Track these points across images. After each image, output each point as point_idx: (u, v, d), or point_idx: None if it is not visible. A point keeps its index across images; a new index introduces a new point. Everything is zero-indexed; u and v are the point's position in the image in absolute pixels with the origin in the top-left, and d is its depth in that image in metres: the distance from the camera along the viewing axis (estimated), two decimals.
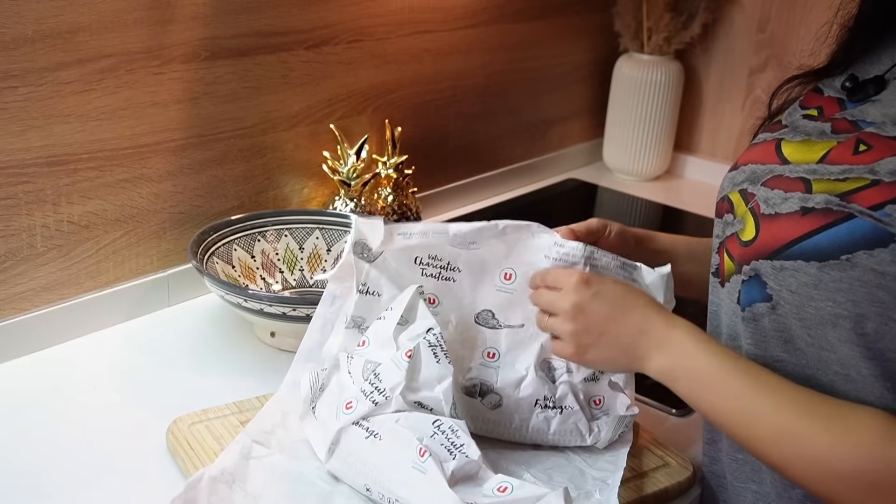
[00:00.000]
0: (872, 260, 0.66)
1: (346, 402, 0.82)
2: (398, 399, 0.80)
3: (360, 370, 0.84)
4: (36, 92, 1.00)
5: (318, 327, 0.91)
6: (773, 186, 0.76)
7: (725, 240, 0.81)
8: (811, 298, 0.70)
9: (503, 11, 1.56)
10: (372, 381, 0.82)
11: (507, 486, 0.74)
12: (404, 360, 0.81)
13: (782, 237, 0.72)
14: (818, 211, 0.70)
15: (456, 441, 0.77)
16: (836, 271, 0.68)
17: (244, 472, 0.80)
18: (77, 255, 1.10)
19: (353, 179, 1.31)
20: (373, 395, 0.81)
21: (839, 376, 0.71)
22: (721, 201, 0.84)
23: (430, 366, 0.81)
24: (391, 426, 0.79)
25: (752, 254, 0.75)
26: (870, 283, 0.67)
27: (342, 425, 0.81)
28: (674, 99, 1.77)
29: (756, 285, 0.74)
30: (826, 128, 0.77)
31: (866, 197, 0.68)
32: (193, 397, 0.97)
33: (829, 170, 0.72)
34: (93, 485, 0.86)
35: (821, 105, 0.81)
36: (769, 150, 0.80)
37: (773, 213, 0.74)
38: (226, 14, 1.15)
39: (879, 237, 0.66)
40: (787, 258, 0.71)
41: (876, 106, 0.75)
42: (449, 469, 0.74)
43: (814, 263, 0.69)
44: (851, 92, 0.78)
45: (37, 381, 1.02)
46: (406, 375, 0.80)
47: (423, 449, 0.75)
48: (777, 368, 0.75)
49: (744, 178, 0.81)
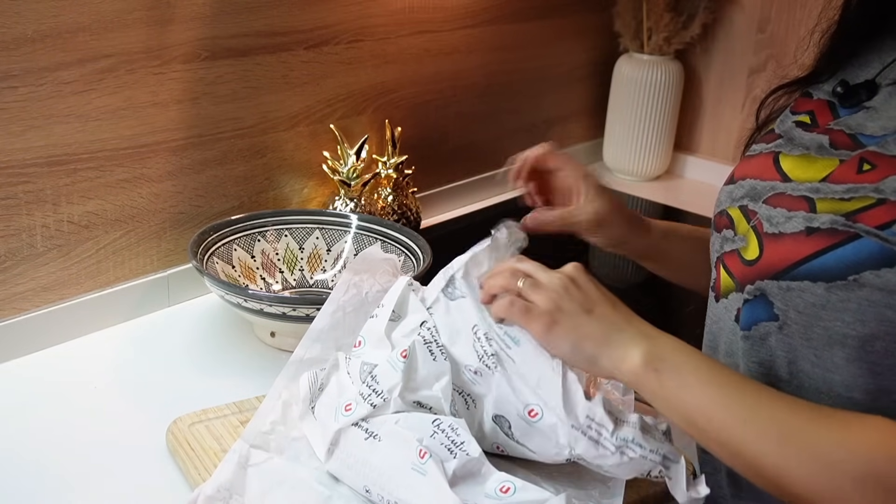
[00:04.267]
0: (879, 280, 0.65)
1: (345, 403, 0.82)
2: (397, 401, 0.80)
3: (358, 371, 0.84)
4: (36, 92, 1.00)
5: (329, 311, 0.91)
6: (776, 205, 0.74)
7: (723, 255, 0.79)
8: (819, 318, 0.69)
9: (503, 11, 1.56)
10: (369, 384, 0.81)
11: (510, 487, 0.73)
12: (400, 360, 0.81)
13: (788, 257, 0.71)
14: (824, 231, 0.69)
15: (456, 439, 0.76)
16: (844, 291, 0.67)
17: (242, 484, 0.80)
18: (77, 255, 1.10)
19: (353, 179, 1.31)
20: (371, 398, 0.80)
21: (842, 399, 0.70)
22: (719, 216, 0.82)
23: (426, 364, 0.81)
24: (391, 427, 0.79)
25: (756, 273, 0.73)
26: (878, 302, 0.66)
27: (341, 426, 0.81)
28: (674, 99, 1.77)
29: (762, 305, 0.73)
30: (824, 141, 0.76)
31: (873, 216, 0.67)
32: (193, 397, 0.97)
33: (833, 189, 0.71)
34: (93, 485, 0.86)
35: (812, 110, 0.80)
36: (767, 164, 0.79)
37: (777, 232, 0.73)
38: (226, 14, 1.15)
39: (886, 257, 0.65)
40: (793, 279, 0.70)
41: (871, 115, 0.74)
42: (450, 468, 0.74)
43: (821, 284, 0.68)
44: (843, 97, 0.77)
45: (37, 381, 1.02)
46: (403, 377, 0.80)
47: (423, 450, 0.75)
48: (778, 390, 0.73)
49: (743, 194, 0.79)
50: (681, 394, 0.69)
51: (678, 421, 0.70)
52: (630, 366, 0.71)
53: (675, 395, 0.69)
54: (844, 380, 0.70)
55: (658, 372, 0.70)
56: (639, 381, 0.71)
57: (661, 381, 0.70)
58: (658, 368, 0.70)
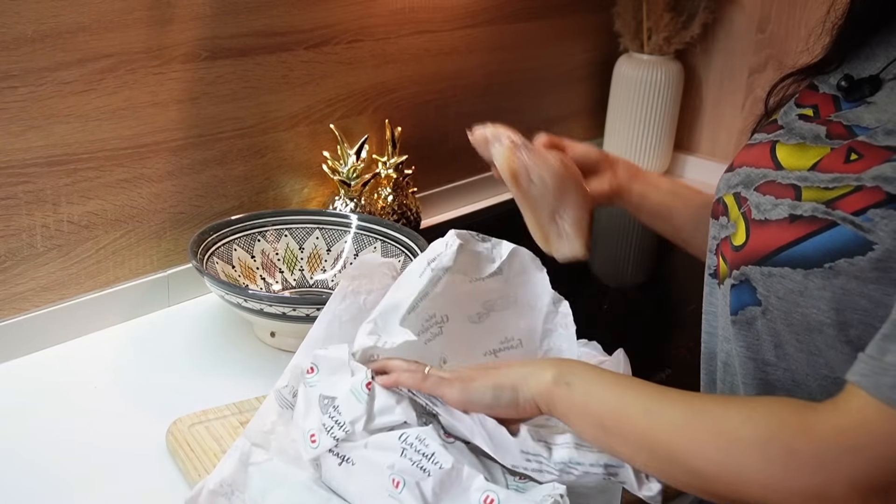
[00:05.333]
0: (853, 268, 0.66)
1: (309, 433, 0.80)
2: (362, 433, 0.78)
3: (318, 402, 0.81)
4: (36, 92, 1.00)
5: (325, 321, 0.90)
6: (765, 192, 0.75)
7: (721, 242, 0.81)
8: (797, 305, 0.70)
9: (503, 11, 1.56)
10: (332, 415, 0.79)
11: (493, 498, 0.72)
12: (364, 391, 0.79)
13: (771, 244, 0.72)
14: (805, 218, 0.70)
15: (426, 451, 0.74)
16: (820, 279, 0.68)
17: (243, 481, 0.80)
18: (77, 255, 1.10)
19: (353, 179, 1.31)
20: (333, 431, 0.78)
21: (828, 380, 0.71)
22: (717, 203, 0.83)
23: (384, 395, 0.79)
24: (361, 452, 0.77)
25: (741, 259, 0.75)
26: (852, 291, 0.66)
27: (311, 456, 0.80)
28: (674, 99, 1.77)
29: (746, 290, 0.74)
30: (821, 131, 0.77)
31: (849, 203, 0.67)
32: (193, 397, 0.97)
33: (820, 177, 0.72)
34: (92, 485, 0.86)
35: (816, 104, 0.80)
36: (764, 152, 0.80)
37: (763, 218, 0.74)
38: (226, 14, 1.15)
39: (859, 245, 0.66)
40: (774, 265, 0.71)
41: (871, 110, 0.74)
42: (428, 488, 0.73)
43: (799, 271, 0.69)
44: (847, 91, 0.78)
45: (37, 381, 1.02)
46: (366, 408, 0.78)
47: (397, 479, 0.73)
48: (767, 373, 0.75)
49: (738, 181, 0.80)
50: (590, 399, 0.73)
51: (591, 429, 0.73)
52: (545, 385, 0.74)
53: (584, 401, 0.73)
54: (829, 362, 0.71)
55: (569, 385, 0.73)
56: (553, 397, 0.74)
57: (571, 393, 0.73)
58: (569, 382, 0.74)
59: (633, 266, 1.58)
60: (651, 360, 1.12)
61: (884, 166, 0.67)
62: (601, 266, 1.51)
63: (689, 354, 0.86)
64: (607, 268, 1.53)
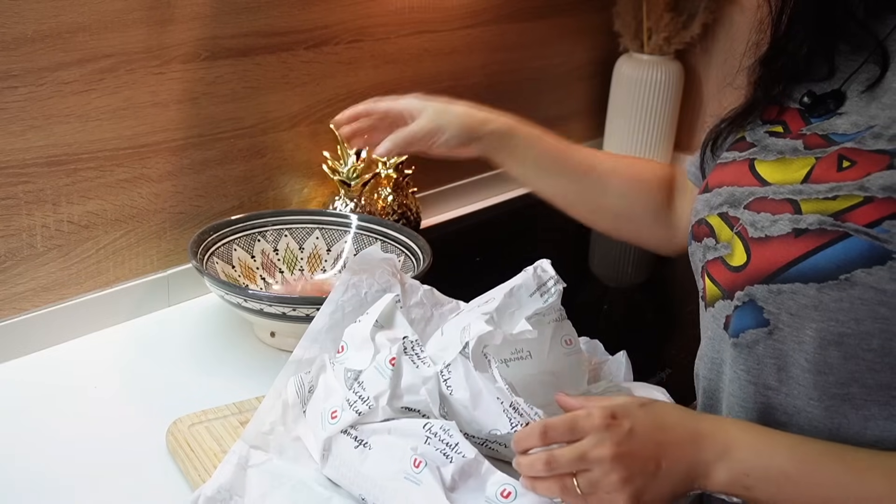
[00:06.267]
0: (871, 278, 0.66)
1: (330, 410, 0.81)
2: (385, 408, 0.79)
3: (343, 377, 0.84)
4: (36, 92, 1.00)
5: (328, 312, 0.91)
6: (759, 209, 0.74)
7: (707, 264, 0.79)
8: (811, 320, 0.69)
9: (503, 11, 1.56)
10: (356, 390, 0.81)
11: (511, 491, 0.72)
12: (388, 367, 0.80)
13: (776, 260, 0.71)
14: (812, 232, 0.69)
15: (450, 441, 0.75)
16: (836, 291, 0.67)
17: (242, 485, 0.80)
18: (77, 255, 1.10)
19: (353, 179, 1.31)
20: (356, 405, 0.79)
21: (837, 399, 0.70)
22: (698, 225, 0.81)
23: (411, 372, 0.80)
24: (383, 437, 0.78)
25: (745, 279, 0.73)
26: (871, 300, 0.66)
27: (329, 434, 0.80)
28: (674, 99, 1.77)
29: (750, 311, 0.73)
30: (798, 145, 0.76)
31: (861, 215, 0.67)
32: (193, 397, 0.97)
33: (816, 189, 0.71)
34: (92, 486, 0.86)
35: (784, 120, 0.79)
36: (743, 170, 0.78)
37: (763, 236, 0.72)
38: (226, 14, 1.15)
39: (877, 255, 0.65)
40: (783, 281, 0.70)
41: (843, 119, 0.74)
42: (448, 473, 0.73)
43: (812, 285, 0.68)
44: (811, 108, 0.77)
45: (37, 381, 1.02)
46: (390, 384, 0.79)
47: (419, 459, 0.74)
48: (768, 398, 0.74)
49: (721, 201, 0.79)
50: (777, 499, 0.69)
51: None
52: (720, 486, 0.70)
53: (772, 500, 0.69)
54: (839, 379, 0.70)
55: (748, 489, 0.69)
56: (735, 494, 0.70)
57: (754, 496, 0.69)
58: (747, 486, 0.69)
59: (633, 266, 1.58)
60: (651, 361, 1.12)
61: (893, 176, 0.67)
62: (601, 266, 1.51)
63: (689, 355, 0.86)
64: (607, 268, 1.53)
